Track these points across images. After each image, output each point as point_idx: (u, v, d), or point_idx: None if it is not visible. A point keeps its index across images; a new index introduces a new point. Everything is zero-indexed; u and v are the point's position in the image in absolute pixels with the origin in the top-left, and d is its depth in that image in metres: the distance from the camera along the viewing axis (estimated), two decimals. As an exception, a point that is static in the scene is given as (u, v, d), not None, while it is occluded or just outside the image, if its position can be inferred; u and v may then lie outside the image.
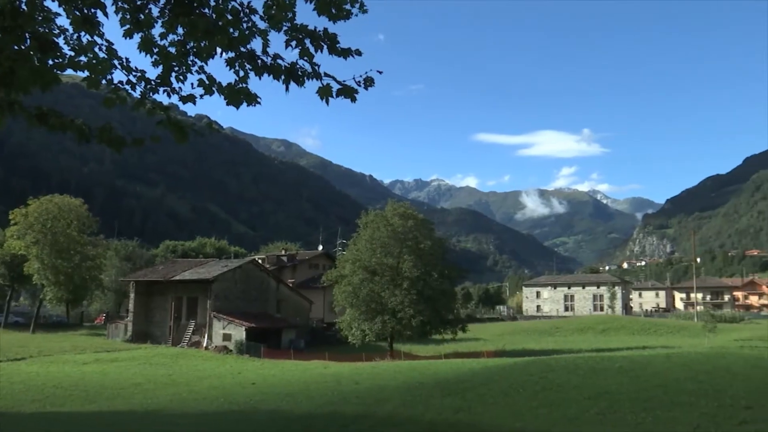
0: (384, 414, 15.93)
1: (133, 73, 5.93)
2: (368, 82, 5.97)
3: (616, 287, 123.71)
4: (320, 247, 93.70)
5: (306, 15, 6.15)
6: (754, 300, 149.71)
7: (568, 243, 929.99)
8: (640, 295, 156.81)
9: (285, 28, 5.81)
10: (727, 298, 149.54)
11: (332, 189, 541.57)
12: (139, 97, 5.96)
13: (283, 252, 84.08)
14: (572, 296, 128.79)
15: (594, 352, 38.18)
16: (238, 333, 49.72)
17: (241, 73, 5.94)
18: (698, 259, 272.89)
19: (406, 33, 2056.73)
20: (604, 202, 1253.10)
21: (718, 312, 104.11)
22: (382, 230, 47.47)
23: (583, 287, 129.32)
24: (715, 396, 16.72)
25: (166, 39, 5.85)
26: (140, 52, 5.94)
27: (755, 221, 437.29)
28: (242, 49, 5.83)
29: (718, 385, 19.04)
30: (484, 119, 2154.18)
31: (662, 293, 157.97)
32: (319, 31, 5.83)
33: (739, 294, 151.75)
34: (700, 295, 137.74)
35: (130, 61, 5.93)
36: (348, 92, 5.96)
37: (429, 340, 55.30)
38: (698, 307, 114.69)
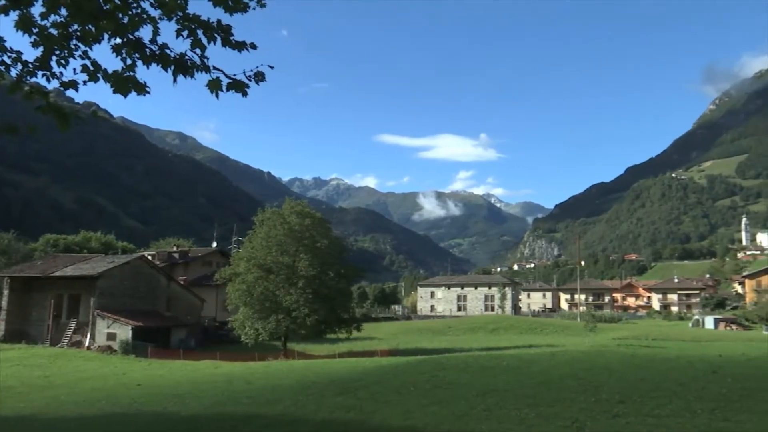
0: (275, 414, 15.72)
1: (8, 54, 5.52)
2: (259, 77, 5.85)
3: (507, 288, 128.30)
4: (214, 244, 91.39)
5: (201, 5, 5.92)
6: (631, 301, 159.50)
7: (463, 244, 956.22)
8: (528, 295, 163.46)
9: (177, 17, 5.59)
10: (607, 299, 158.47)
11: (229, 185, 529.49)
12: (15, 79, 5.56)
13: (174, 248, 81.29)
14: (465, 296, 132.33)
15: (484, 350, 39.39)
16: (124, 332, 47.60)
17: (129, 61, 5.66)
18: (582, 263, 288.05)
19: (312, 30, 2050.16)
20: (498, 205, 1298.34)
21: (599, 312, 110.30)
22: (278, 228, 46.86)
23: (476, 288, 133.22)
24: (593, 391, 17.66)
25: (48, 19, 5.48)
26: (17, 31, 5.54)
27: (634, 227, 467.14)
28: (129, 36, 5.56)
29: (596, 381, 20.13)
30: (387, 121, 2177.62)
31: (549, 294, 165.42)
32: (213, 22, 5.66)
33: (618, 296, 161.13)
34: (583, 297, 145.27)
35: (5, 41, 5.52)
36: (238, 86, 5.83)
37: (324, 340, 55.21)
38: (581, 308, 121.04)
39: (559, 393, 17.53)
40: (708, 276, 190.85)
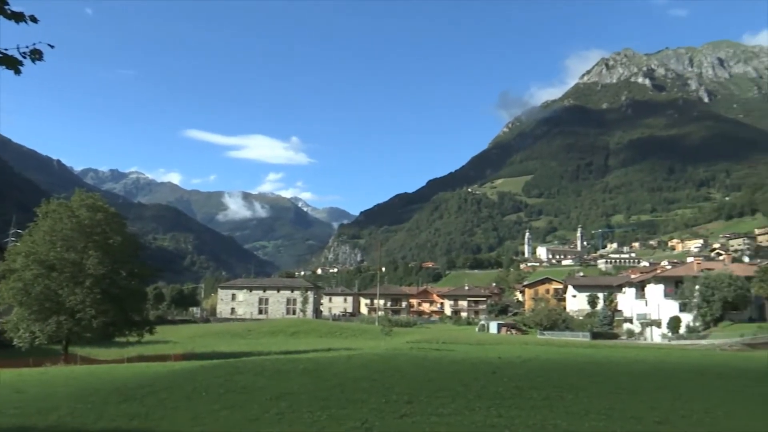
0: (47, 425, 14.25)
1: None
2: (35, 55, 5.25)
3: (309, 292, 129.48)
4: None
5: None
6: (426, 307, 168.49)
7: (268, 247, 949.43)
8: (330, 300, 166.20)
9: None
10: (404, 304, 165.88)
11: (11, 171, 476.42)
12: None
13: (-62, 239, 71.42)
14: (267, 299, 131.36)
15: (282, 354, 39.27)
16: None
17: None
18: (383, 269, 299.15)
19: (120, 11, 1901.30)
20: (306, 209, 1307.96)
21: (396, 317, 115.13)
22: (65, 221, 42.95)
23: (278, 291, 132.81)
24: (384, 393, 18.26)
25: None
26: None
27: (432, 237, 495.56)
28: None
29: (387, 382, 20.85)
30: (196, 116, 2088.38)
31: (350, 299, 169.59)
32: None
33: (414, 301, 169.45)
34: (382, 302, 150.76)
35: None
36: (9, 63, 5.18)
37: (112, 343, 51.53)
38: (380, 313, 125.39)
39: (352, 395, 17.91)
40: (494, 284, 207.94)
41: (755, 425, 14.51)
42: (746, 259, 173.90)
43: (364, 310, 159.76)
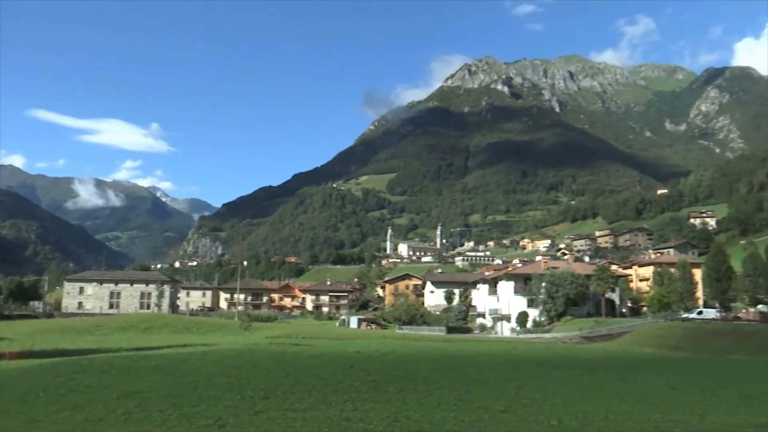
0: None
1: None
2: None
3: (165, 286, 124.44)
4: None
5: None
6: (288, 302, 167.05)
7: (122, 238, 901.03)
8: (188, 294, 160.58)
9: None
10: (265, 299, 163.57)
11: None
12: None
13: None
14: (119, 293, 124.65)
15: (133, 351, 37.43)
16: None
17: None
18: (245, 263, 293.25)
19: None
20: (164, 200, 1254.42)
21: (256, 312, 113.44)
22: None
23: (132, 284, 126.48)
24: (240, 389, 17.98)
25: None
26: None
27: (296, 231, 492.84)
28: None
29: (244, 378, 20.54)
30: (44, 95, 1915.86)
31: (209, 293, 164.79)
32: None
33: (276, 296, 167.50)
34: (242, 296, 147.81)
35: None
36: None
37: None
38: (240, 307, 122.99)
39: (206, 392, 17.47)
40: (356, 280, 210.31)
41: (588, 410, 15.74)
42: (587, 259, 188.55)
43: (223, 304, 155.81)
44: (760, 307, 78.54)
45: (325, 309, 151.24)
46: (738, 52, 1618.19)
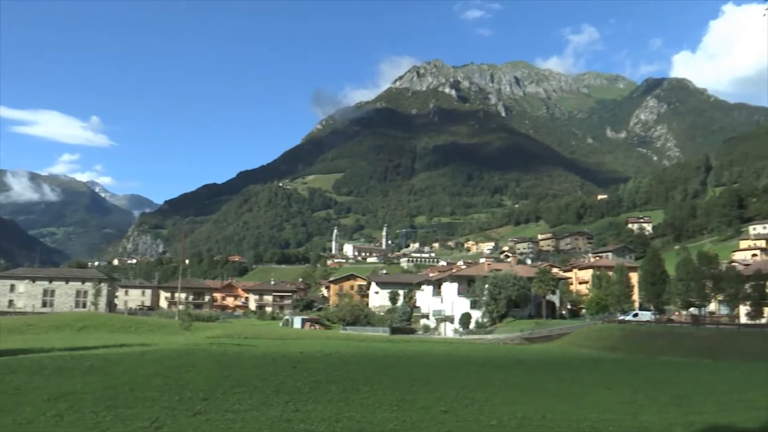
0: None
1: None
2: None
3: (102, 284, 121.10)
4: None
5: None
6: (230, 301, 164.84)
7: (58, 234, 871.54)
8: (126, 292, 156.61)
9: None
10: (207, 298, 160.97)
11: None
12: None
13: None
14: (53, 291, 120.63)
15: (67, 350, 36.21)
16: None
17: None
18: (187, 261, 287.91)
19: None
20: (103, 195, 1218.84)
21: (197, 311, 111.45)
22: None
23: (67, 282, 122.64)
24: (178, 390, 17.59)
25: None
26: None
27: (241, 230, 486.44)
28: None
29: (183, 379, 20.12)
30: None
31: (149, 292, 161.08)
32: None
33: (218, 295, 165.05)
34: (184, 295, 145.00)
35: None
36: None
37: None
38: (180, 306, 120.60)
39: (143, 393, 17.05)
40: (301, 280, 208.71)
41: (527, 410, 16.01)
42: (529, 262, 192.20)
43: (164, 304, 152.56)
44: (691, 309, 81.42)
45: (268, 309, 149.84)
46: (676, 65, 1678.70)
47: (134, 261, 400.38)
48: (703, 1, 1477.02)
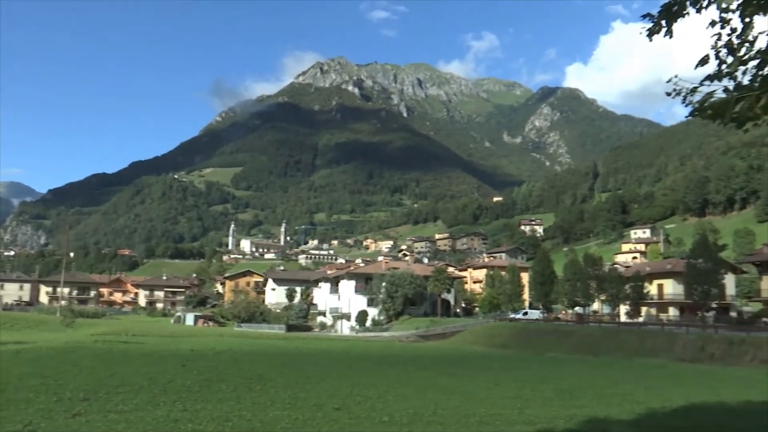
0: None
1: None
2: None
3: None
4: None
5: None
6: (119, 297, 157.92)
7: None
8: (2, 287, 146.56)
9: None
10: (93, 293, 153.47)
11: None
12: None
13: None
14: None
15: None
16: None
17: None
18: (72, 254, 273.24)
19: None
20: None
21: (82, 307, 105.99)
22: None
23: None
24: (56, 390, 16.63)
25: None
26: None
27: (132, 222, 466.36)
28: None
29: (62, 379, 19.04)
30: None
31: (28, 286, 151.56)
32: None
33: (105, 290, 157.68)
34: (67, 290, 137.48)
35: None
36: None
37: None
38: (63, 302, 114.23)
39: (16, 394, 16.00)
40: (195, 275, 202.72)
41: (418, 406, 16.26)
42: (426, 261, 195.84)
43: (44, 299, 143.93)
44: (577, 308, 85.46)
45: (159, 305, 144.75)
46: (569, 75, 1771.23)
47: (12, 253, 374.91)
48: (595, 17, 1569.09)
